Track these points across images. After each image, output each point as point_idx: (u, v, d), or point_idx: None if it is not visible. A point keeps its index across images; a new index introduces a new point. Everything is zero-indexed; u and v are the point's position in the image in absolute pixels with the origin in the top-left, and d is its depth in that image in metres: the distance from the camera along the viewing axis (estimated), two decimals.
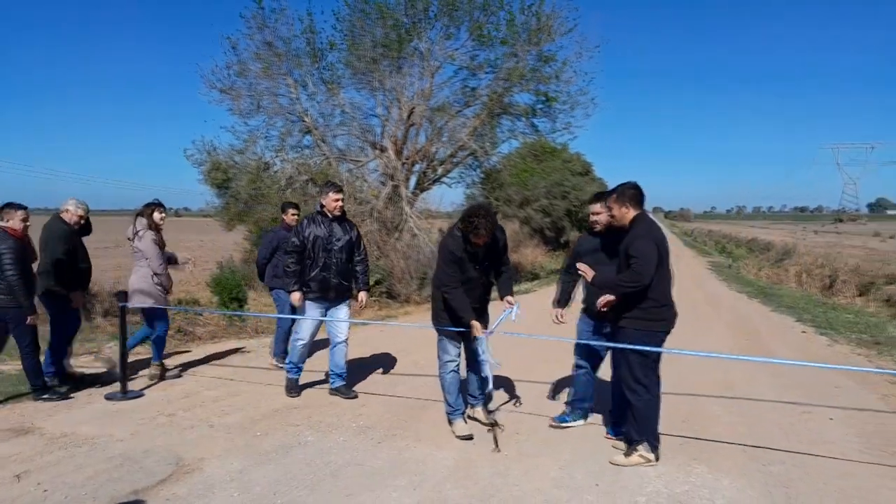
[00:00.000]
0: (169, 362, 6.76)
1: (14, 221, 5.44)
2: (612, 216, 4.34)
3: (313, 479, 3.97)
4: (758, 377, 6.61)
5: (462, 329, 4.73)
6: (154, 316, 6.24)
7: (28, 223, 5.55)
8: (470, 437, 4.67)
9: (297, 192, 12.79)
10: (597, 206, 4.74)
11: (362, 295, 5.94)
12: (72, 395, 5.72)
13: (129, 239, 6.28)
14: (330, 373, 5.89)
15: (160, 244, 6.25)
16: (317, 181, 13.42)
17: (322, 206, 5.71)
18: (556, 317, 4.95)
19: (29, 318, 5.38)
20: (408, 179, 14.33)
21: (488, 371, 4.71)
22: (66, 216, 5.97)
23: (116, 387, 5.76)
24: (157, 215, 6.30)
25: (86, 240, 6.25)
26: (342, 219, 5.76)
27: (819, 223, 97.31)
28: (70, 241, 5.92)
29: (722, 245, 43.75)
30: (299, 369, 5.88)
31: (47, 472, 4.01)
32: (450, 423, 4.88)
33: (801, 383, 6.37)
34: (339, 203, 5.65)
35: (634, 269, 3.99)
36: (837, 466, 4.21)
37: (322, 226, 5.62)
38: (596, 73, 14.51)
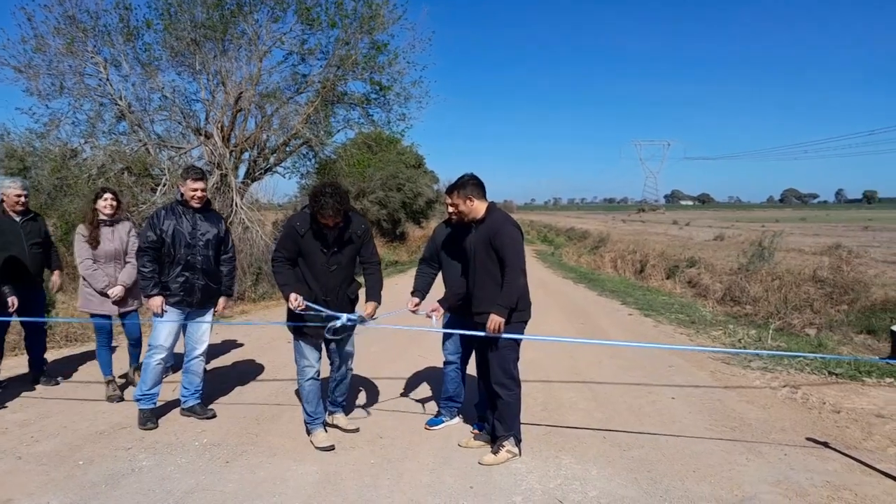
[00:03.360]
0: None
1: None
2: (461, 212, 4.20)
3: None
4: (601, 360, 6.89)
5: (319, 326, 4.31)
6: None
7: None
8: (331, 448, 4.30)
9: (112, 182, 11.49)
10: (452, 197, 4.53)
11: (221, 301, 5.05)
12: None
13: None
14: (182, 390, 5.05)
15: (92, 241, 5.30)
16: (133, 170, 12.20)
17: (182, 194, 4.85)
18: (412, 306, 4.61)
19: None
20: (237, 168, 13.52)
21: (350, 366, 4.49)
22: (6, 201, 5.42)
23: None
24: (100, 203, 5.39)
25: None
26: (207, 210, 4.96)
27: (625, 213, 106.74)
28: None
29: (544, 234, 46.53)
30: (153, 396, 4.83)
31: None
32: (308, 433, 4.48)
33: (640, 364, 6.73)
34: (199, 193, 4.79)
35: (511, 265, 3.89)
36: (689, 445, 4.41)
37: (184, 218, 4.77)
38: (428, 65, 14.69)
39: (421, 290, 4.73)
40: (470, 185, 4.13)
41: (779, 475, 3.91)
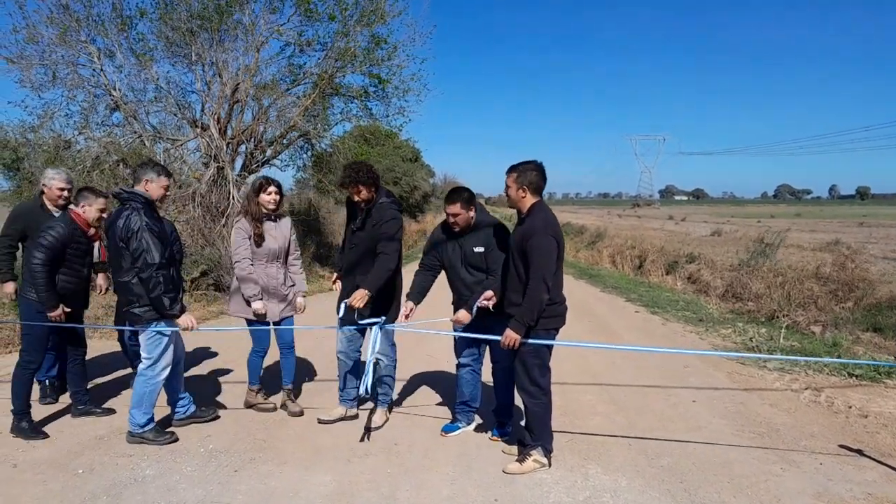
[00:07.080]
0: None
1: (90, 210, 4.57)
2: (508, 196, 3.96)
3: None
4: (615, 361, 6.69)
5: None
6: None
7: (105, 214, 4.65)
8: (329, 422, 4.67)
9: (107, 174, 11.24)
10: (456, 207, 4.21)
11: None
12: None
13: None
14: (178, 398, 4.64)
15: (257, 238, 4.79)
16: (129, 162, 11.94)
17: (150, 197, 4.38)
18: (407, 311, 4.43)
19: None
20: (233, 161, 13.29)
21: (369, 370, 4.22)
22: (47, 193, 5.01)
23: None
24: (263, 197, 4.82)
25: None
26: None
27: (621, 208, 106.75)
28: (20, 221, 5.04)
29: None
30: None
31: None
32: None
33: (655, 365, 6.53)
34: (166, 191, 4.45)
35: (534, 276, 3.68)
36: (719, 453, 4.22)
37: (158, 218, 4.37)
38: (428, 59, 14.54)
39: (414, 294, 4.50)
40: (531, 175, 3.86)
41: (818, 487, 3.73)
